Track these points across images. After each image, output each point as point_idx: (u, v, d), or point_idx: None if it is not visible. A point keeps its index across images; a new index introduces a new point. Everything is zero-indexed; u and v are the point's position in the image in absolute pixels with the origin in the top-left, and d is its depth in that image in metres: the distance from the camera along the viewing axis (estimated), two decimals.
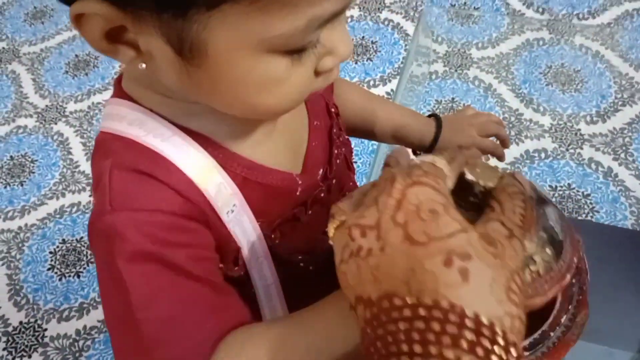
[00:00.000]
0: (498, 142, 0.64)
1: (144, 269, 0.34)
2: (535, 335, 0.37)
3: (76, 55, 1.53)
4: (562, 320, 0.38)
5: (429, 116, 0.63)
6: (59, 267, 1.16)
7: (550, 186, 1.15)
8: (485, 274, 0.26)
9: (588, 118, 1.24)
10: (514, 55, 1.37)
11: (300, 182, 0.42)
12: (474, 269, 0.26)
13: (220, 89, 0.32)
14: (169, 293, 0.35)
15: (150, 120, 0.37)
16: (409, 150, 0.64)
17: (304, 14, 0.29)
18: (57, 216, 1.23)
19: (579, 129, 1.23)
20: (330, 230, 0.31)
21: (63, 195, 1.26)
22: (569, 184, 1.15)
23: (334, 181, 0.47)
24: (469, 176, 0.34)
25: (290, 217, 0.43)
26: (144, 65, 0.33)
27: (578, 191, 1.14)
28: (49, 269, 1.16)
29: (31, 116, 1.41)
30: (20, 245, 1.20)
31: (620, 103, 1.25)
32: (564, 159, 1.19)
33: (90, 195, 1.26)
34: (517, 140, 1.21)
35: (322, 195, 0.45)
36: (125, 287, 0.34)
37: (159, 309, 0.34)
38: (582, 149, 1.20)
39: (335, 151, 0.47)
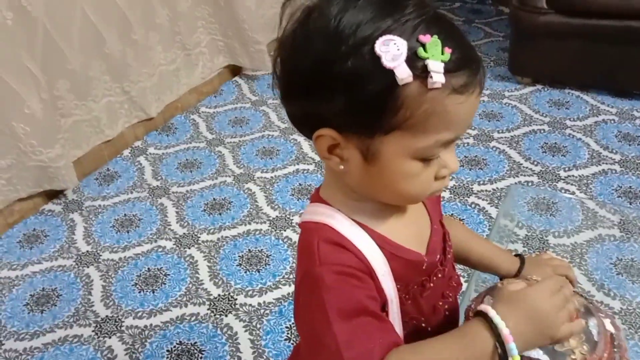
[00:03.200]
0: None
1: (336, 299, 0.55)
2: None
3: (214, 199, 1.87)
4: None
5: (515, 255, 0.84)
6: None
7: None
8: None
9: None
10: (587, 246, 1.56)
11: (426, 259, 0.64)
12: None
13: (382, 179, 0.57)
14: (353, 316, 0.55)
15: (337, 215, 0.61)
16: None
17: (432, 138, 0.54)
18: (178, 322, 1.45)
19: None
20: None
21: (186, 305, 1.49)
22: None
23: (446, 270, 0.67)
24: None
25: (419, 284, 0.64)
26: (342, 167, 0.58)
27: None
28: None
29: (170, 240, 1.72)
30: (143, 340, 1.41)
31: None
32: (633, 340, 1.29)
33: (207, 309, 1.48)
34: None
35: (439, 275, 0.66)
36: (325, 309, 0.55)
37: (347, 324, 0.54)
38: None
39: (448, 249, 0.69)
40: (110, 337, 1.43)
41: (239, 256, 1.64)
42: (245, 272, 1.58)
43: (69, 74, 1.87)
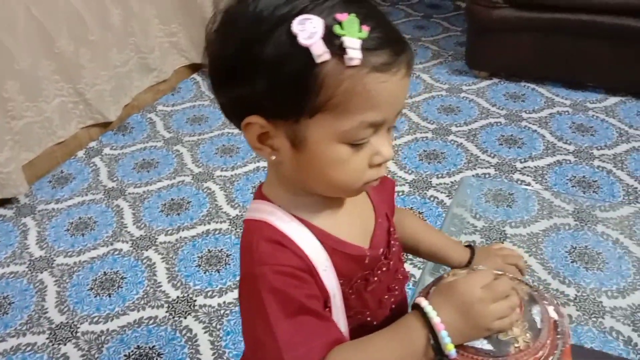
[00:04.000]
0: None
1: (276, 299, 0.54)
2: None
3: (172, 199, 1.84)
4: (550, 358, 0.55)
5: (466, 246, 0.84)
6: None
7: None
8: None
9: (609, 293, 1.40)
10: (542, 235, 1.59)
11: (368, 253, 0.63)
12: None
13: (313, 167, 0.55)
14: (293, 315, 0.54)
15: (277, 211, 0.60)
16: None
17: (356, 119, 0.52)
18: (136, 325, 1.42)
19: (601, 301, 1.38)
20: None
21: (143, 308, 1.46)
22: (591, 347, 1.27)
23: (391, 263, 0.67)
24: None
25: (362, 278, 0.63)
26: (274, 157, 0.57)
27: None
28: None
29: (127, 242, 1.68)
30: (100, 346, 1.38)
31: (638, 283, 1.41)
32: (587, 326, 1.32)
33: (166, 311, 1.45)
34: None
35: (384, 268, 0.65)
36: (265, 309, 0.54)
37: (287, 325, 0.54)
38: (603, 318, 1.34)
39: (392, 242, 0.68)
40: (65, 344, 1.39)
41: (198, 257, 1.61)
42: (205, 273, 1.56)
43: (17, 74, 1.81)
